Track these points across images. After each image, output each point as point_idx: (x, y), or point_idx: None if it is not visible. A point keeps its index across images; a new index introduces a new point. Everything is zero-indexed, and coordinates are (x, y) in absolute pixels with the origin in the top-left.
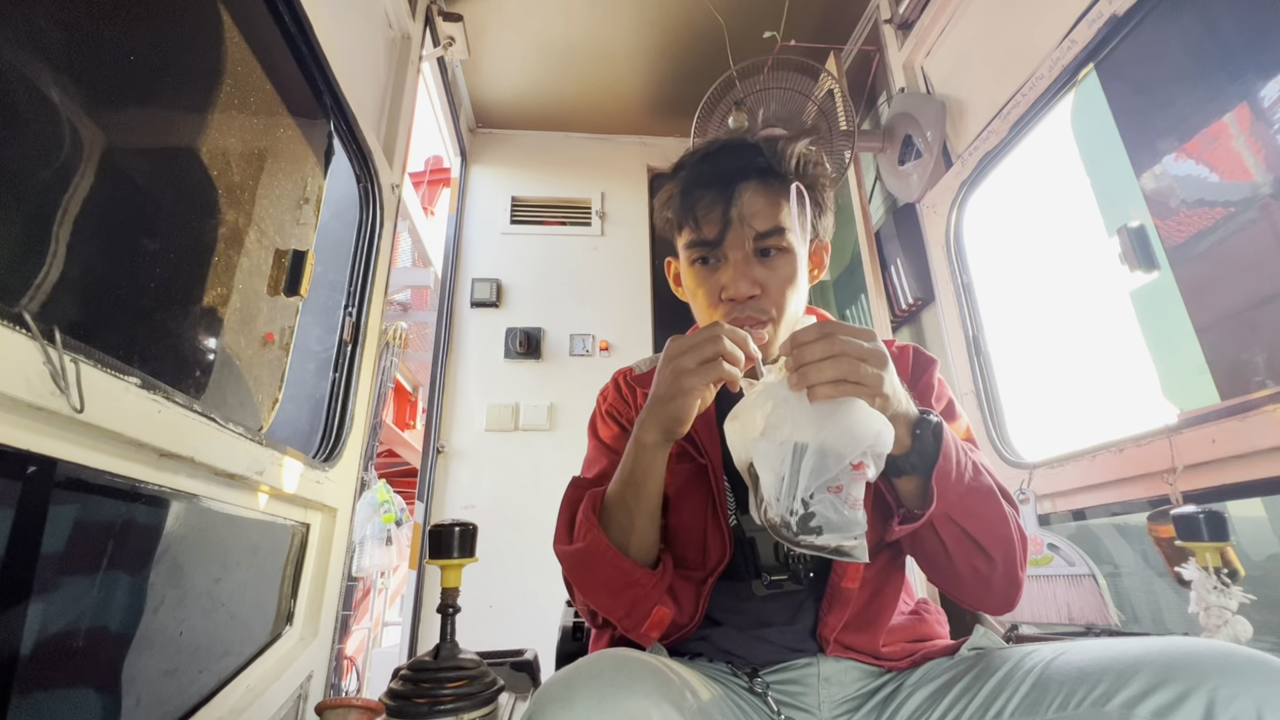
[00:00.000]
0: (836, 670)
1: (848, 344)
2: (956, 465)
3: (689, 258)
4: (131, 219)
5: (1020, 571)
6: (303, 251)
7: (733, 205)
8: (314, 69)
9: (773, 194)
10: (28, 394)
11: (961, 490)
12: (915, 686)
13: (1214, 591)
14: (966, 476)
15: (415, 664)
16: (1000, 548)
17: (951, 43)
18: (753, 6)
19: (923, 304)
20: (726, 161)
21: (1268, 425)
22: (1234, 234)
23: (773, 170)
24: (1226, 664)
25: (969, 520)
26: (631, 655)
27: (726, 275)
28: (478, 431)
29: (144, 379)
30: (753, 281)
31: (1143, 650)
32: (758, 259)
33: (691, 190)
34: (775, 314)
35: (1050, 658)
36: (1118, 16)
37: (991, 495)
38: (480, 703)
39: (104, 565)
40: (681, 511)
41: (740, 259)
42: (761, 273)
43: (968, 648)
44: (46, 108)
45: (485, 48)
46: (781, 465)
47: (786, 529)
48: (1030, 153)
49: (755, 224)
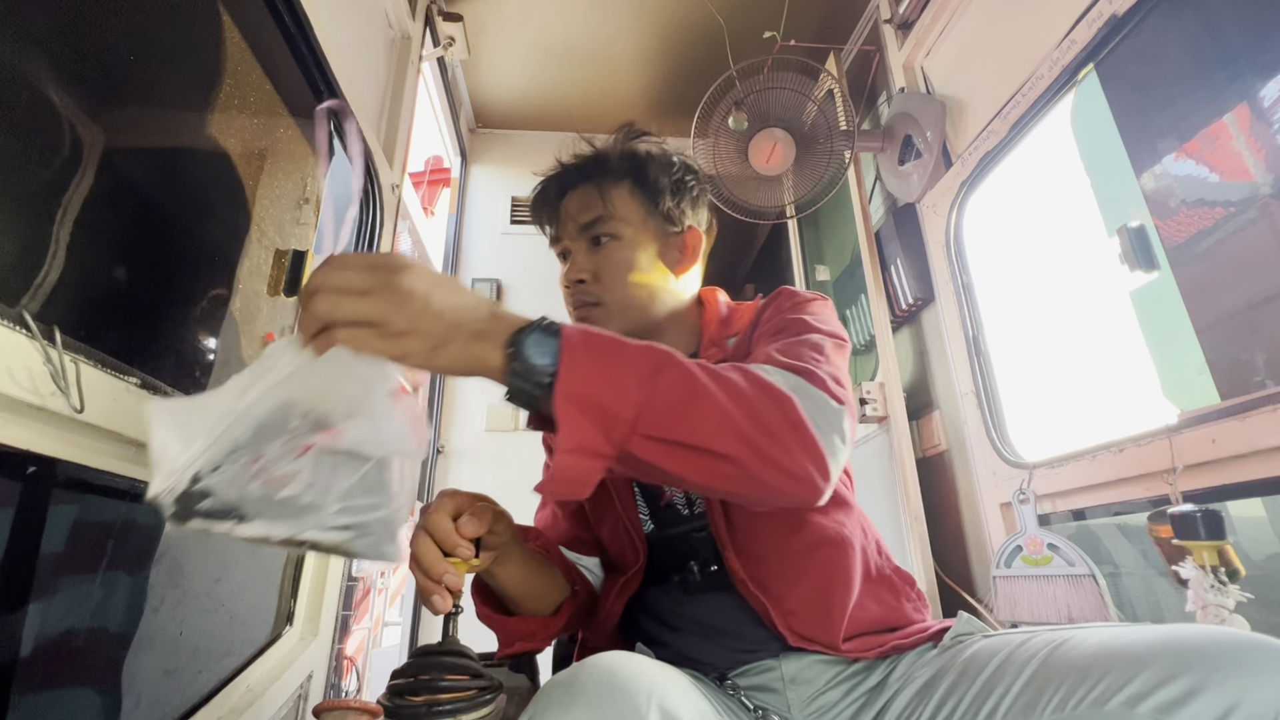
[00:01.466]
0: (800, 668)
1: (329, 279)
2: (601, 377)
3: (555, 253)
4: (131, 219)
5: (793, 455)
6: (303, 252)
7: (562, 202)
8: (314, 69)
9: (593, 187)
10: (28, 394)
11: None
12: (900, 684)
13: (1211, 590)
14: (628, 383)
15: (414, 664)
16: (729, 443)
17: (951, 43)
18: (753, 6)
19: (923, 304)
20: (562, 169)
21: (1268, 425)
22: (1234, 234)
23: (591, 167)
24: (1235, 655)
25: (662, 430)
26: (629, 658)
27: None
28: (478, 432)
29: (144, 379)
30: (581, 268)
31: (1144, 641)
32: (591, 248)
33: (538, 196)
34: (606, 299)
35: (1044, 651)
36: (1118, 16)
37: (693, 392)
38: (479, 704)
39: (104, 565)
40: (601, 525)
41: (576, 249)
42: (593, 260)
43: (951, 636)
44: (46, 108)
45: (485, 48)
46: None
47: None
48: (1030, 153)
49: (579, 217)
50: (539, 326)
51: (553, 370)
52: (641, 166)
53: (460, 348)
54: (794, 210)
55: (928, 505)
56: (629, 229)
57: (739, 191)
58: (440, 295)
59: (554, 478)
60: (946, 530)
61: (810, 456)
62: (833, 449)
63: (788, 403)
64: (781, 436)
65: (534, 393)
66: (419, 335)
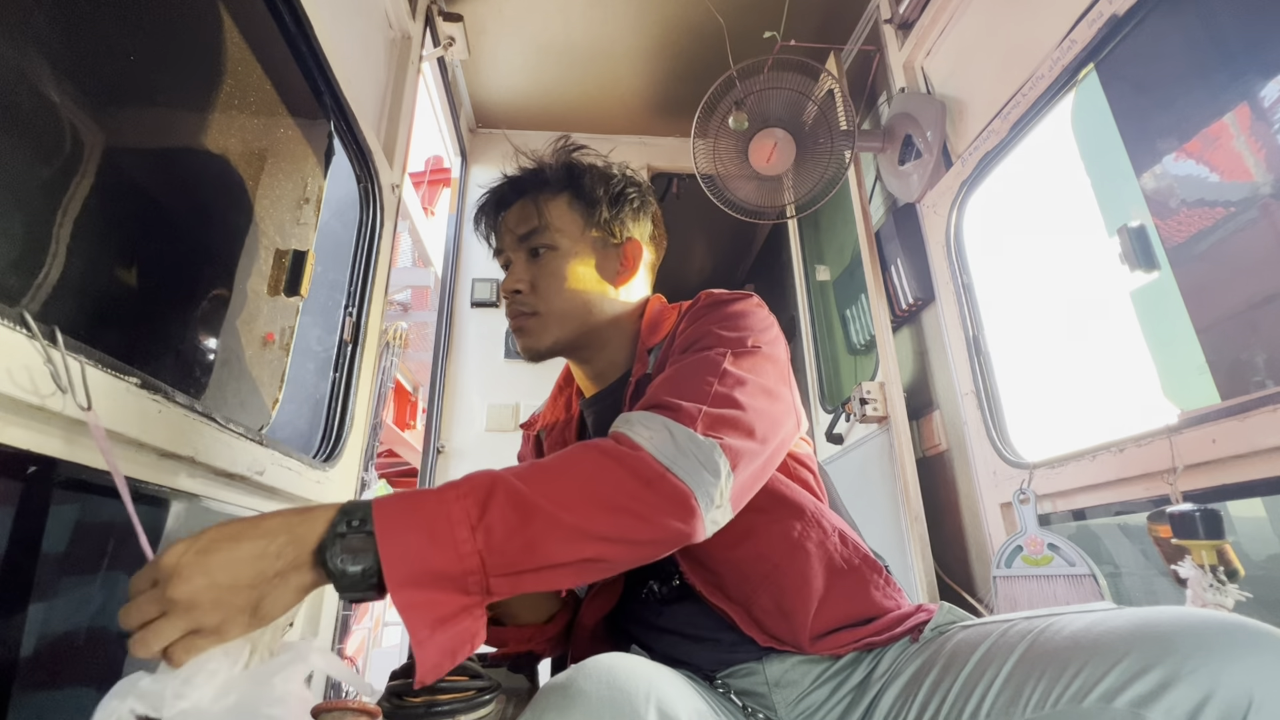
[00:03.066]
0: (783, 670)
1: (127, 619)
2: (428, 546)
3: (499, 264)
4: (132, 219)
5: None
6: (303, 251)
7: (501, 215)
8: (314, 69)
9: (530, 198)
10: (29, 394)
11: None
12: (885, 680)
13: (1210, 589)
14: (459, 536)
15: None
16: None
17: (951, 43)
18: (753, 6)
19: (923, 304)
20: (502, 181)
21: (1268, 425)
22: (1234, 234)
23: (527, 179)
24: (1207, 639)
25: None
26: (627, 659)
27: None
28: (478, 431)
29: (144, 379)
30: (517, 279)
31: (1119, 631)
32: (529, 259)
33: (480, 210)
34: (542, 309)
35: (1023, 643)
36: (1118, 16)
37: (526, 514)
38: (478, 704)
39: (104, 565)
40: None
41: (516, 260)
42: (529, 271)
43: (932, 629)
44: (46, 108)
45: (485, 48)
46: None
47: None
48: (1030, 153)
49: (517, 228)
50: (338, 534)
51: (375, 569)
52: (579, 178)
53: (278, 594)
54: (794, 210)
55: (928, 505)
56: (566, 240)
57: (739, 191)
58: (223, 565)
59: (435, 660)
60: (947, 530)
61: (672, 508)
62: (702, 486)
63: (639, 462)
64: (633, 506)
65: (370, 594)
66: (231, 613)
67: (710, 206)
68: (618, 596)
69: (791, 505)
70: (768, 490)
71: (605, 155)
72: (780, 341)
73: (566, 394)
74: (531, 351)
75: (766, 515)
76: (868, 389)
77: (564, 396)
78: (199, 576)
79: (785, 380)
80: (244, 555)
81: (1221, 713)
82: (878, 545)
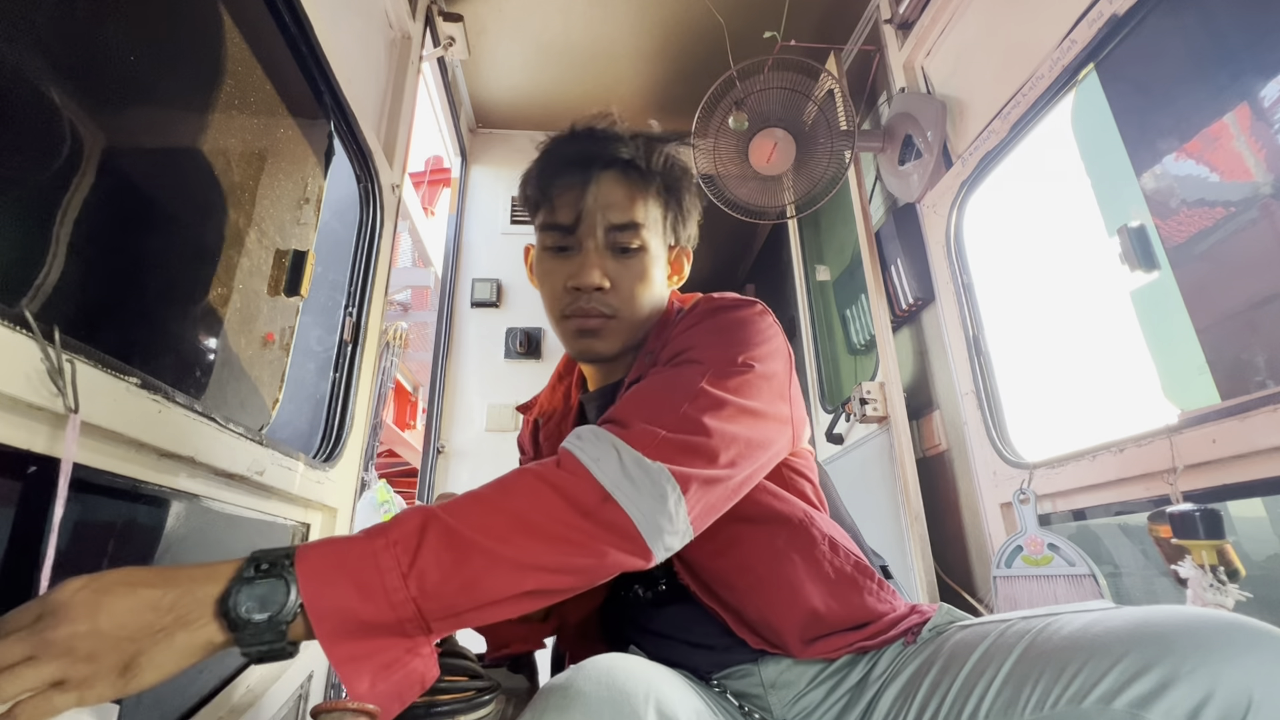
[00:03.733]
0: (779, 672)
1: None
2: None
3: (543, 242)
4: (132, 219)
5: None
6: (303, 251)
7: (589, 191)
8: (314, 69)
9: (632, 187)
10: (28, 394)
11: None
12: (883, 681)
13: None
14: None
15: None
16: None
17: (951, 43)
18: (753, 6)
19: (923, 304)
20: (590, 145)
21: (1268, 425)
22: (1234, 234)
23: (635, 164)
24: (1205, 639)
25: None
26: (626, 659)
27: (577, 263)
28: (478, 431)
29: (144, 379)
30: (603, 273)
31: (1117, 630)
32: (610, 253)
33: (551, 170)
34: (622, 312)
35: (1021, 643)
36: (1118, 16)
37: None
38: (478, 705)
39: (104, 565)
40: None
41: (593, 248)
42: (614, 267)
43: (929, 629)
44: (46, 108)
45: (485, 48)
46: None
47: None
48: (1030, 153)
49: (611, 215)
50: (245, 579)
51: (285, 617)
52: (678, 185)
53: (158, 654)
54: (794, 210)
55: (928, 505)
56: (655, 242)
57: (739, 191)
58: (113, 611)
59: (387, 700)
60: (947, 530)
61: (612, 537)
62: (645, 513)
63: (578, 488)
64: (571, 535)
65: (281, 645)
66: (108, 666)
67: (710, 206)
68: (601, 596)
69: (779, 516)
70: (754, 501)
71: (680, 142)
72: (780, 354)
73: (566, 383)
74: (597, 356)
75: (752, 525)
76: (868, 389)
77: (564, 385)
78: (84, 620)
79: (781, 396)
80: (136, 603)
81: (1221, 713)
82: (878, 545)
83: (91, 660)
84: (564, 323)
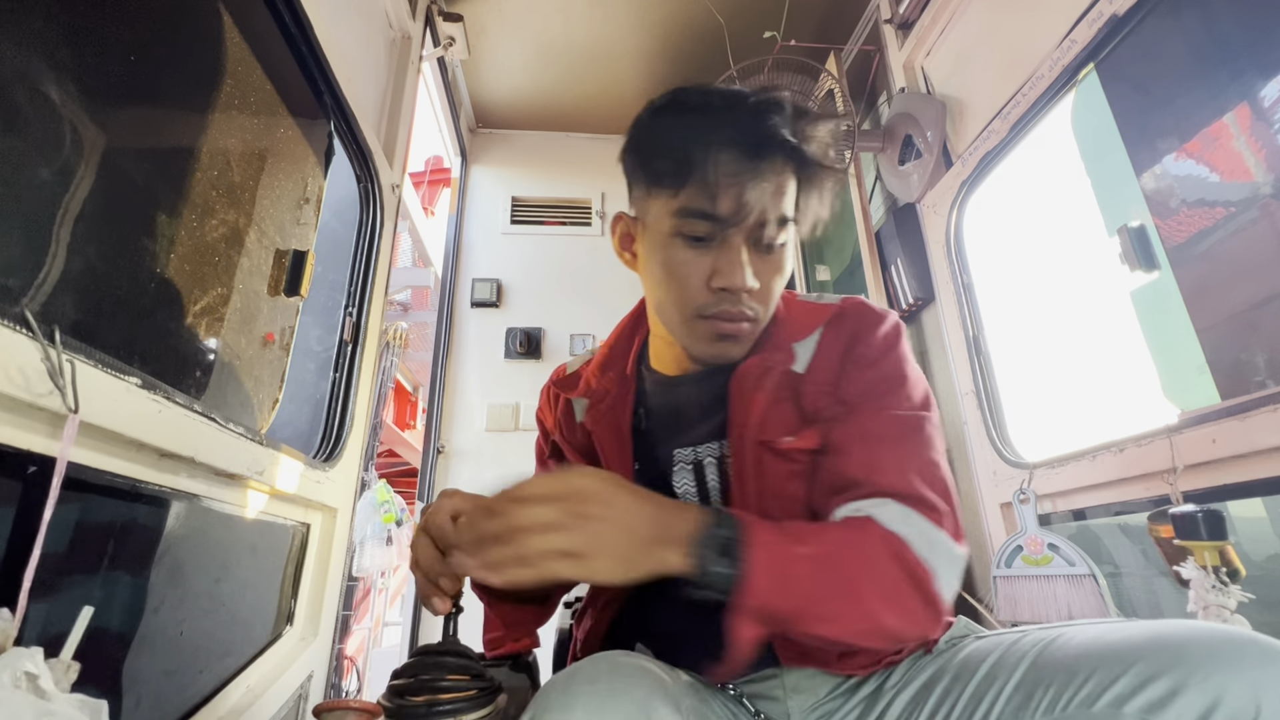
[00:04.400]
0: (801, 678)
1: (523, 517)
2: (777, 593)
3: (678, 228)
4: (132, 219)
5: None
6: (303, 251)
7: (761, 180)
8: (314, 69)
9: (791, 176)
10: (28, 394)
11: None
12: (897, 689)
13: (1212, 590)
14: (798, 592)
15: (415, 664)
16: (862, 634)
17: (951, 43)
18: (753, 6)
19: (923, 304)
20: (764, 123)
21: (1268, 425)
22: (1234, 234)
23: (800, 150)
24: (1217, 650)
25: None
26: (628, 658)
27: (724, 259)
28: (478, 431)
29: (144, 379)
30: (755, 273)
31: (1130, 639)
32: (757, 251)
33: (713, 144)
34: (762, 316)
35: (1034, 650)
36: (1118, 16)
37: (839, 590)
38: (479, 704)
39: (104, 565)
40: None
41: (740, 244)
42: (758, 264)
43: (945, 640)
44: (46, 108)
45: (485, 48)
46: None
47: None
48: (1030, 153)
49: (780, 206)
50: (716, 538)
51: (733, 583)
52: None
53: (645, 560)
54: None
55: None
56: (794, 235)
57: None
58: (622, 514)
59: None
60: None
61: (936, 619)
62: (949, 590)
63: (925, 580)
64: (915, 616)
65: (717, 596)
66: (610, 557)
67: None
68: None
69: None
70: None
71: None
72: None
73: (620, 366)
74: (729, 360)
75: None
76: None
77: (616, 367)
78: (607, 510)
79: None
80: (646, 510)
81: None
82: None
83: (605, 546)
84: (698, 323)
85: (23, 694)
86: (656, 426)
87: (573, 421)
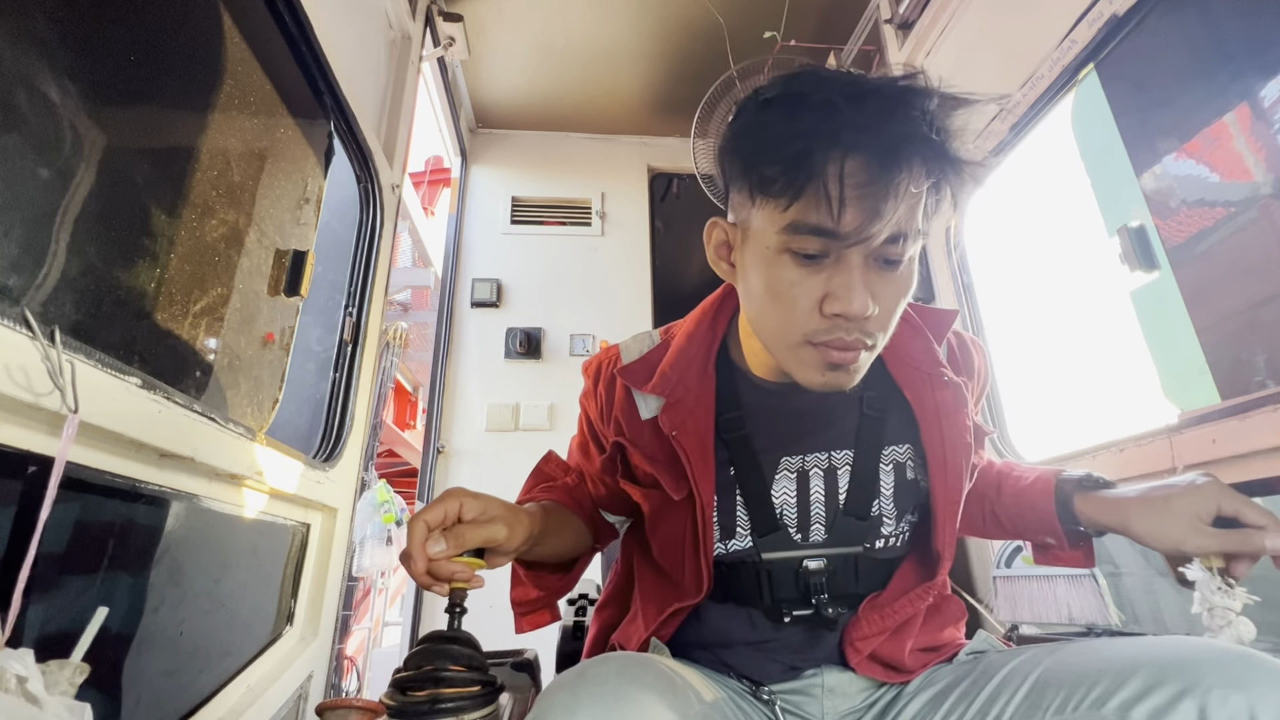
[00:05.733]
0: (841, 681)
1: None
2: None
3: (788, 244)
4: (132, 219)
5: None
6: (303, 251)
7: (894, 193)
8: (314, 69)
9: (927, 180)
10: (28, 394)
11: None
12: (914, 693)
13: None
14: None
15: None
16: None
17: (951, 43)
18: (753, 6)
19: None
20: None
21: (1268, 425)
22: (1234, 234)
23: (944, 149)
24: (1219, 664)
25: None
26: (636, 659)
27: (839, 281)
28: (478, 431)
29: (144, 379)
30: (875, 294)
31: (1138, 651)
32: (877, 264)
33: (835, 148)
34: (879, 341)
35: (1047, 660)
36: (1118, 16)
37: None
38: (481, 702)
39: (104, 565)
40: (659, 533)
41: (859, 263)
42: (877, 284)
43: (966, 652)
44: (46, 107)
45: (485, 48)
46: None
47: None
48: (1031, 153)
49: (912, 220)
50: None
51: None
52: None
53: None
54: None
55: None
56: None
57: None
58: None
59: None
60: None
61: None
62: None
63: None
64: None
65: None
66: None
67: (710, 206)
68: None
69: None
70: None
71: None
72: None
73: (700, 363)
74: (840, 390)
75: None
76: None
77: (696, 364)
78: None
79: None
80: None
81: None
82: None
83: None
84: (806, 349)
85: (10, 698)
86: (755, 432)
87: (637, 418)
